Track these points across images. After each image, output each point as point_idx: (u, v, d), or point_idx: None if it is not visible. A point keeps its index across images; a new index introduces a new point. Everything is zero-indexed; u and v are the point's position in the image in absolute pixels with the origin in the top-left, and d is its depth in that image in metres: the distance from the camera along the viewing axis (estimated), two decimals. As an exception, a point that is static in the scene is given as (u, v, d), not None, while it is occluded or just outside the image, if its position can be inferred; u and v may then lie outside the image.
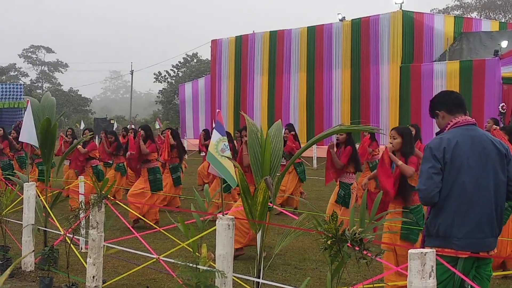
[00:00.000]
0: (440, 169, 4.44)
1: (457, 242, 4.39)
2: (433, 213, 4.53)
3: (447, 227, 4.43)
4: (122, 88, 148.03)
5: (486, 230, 4.44)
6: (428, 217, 4.61)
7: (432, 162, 4.46)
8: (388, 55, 30.40)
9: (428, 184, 4.44)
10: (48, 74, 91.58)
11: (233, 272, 5.51)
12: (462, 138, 4.51)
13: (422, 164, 4.56)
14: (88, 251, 6.83)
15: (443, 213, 4.44)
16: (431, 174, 4.44)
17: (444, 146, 4.47)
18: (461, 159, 4.44)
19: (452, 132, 4.59)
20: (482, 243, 4.43)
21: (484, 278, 4.51)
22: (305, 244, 9.72)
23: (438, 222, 4.46)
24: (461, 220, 4.40)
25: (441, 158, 4.45)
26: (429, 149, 4.53)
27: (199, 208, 6.08)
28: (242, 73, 37.92)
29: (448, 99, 4.75)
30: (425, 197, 4.49)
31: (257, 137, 5.44)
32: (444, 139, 4.53)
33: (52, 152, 8.45)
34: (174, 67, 71.95)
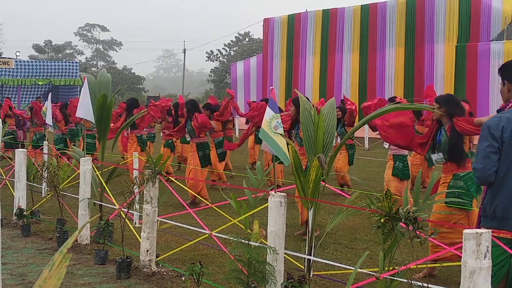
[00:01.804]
0: (497, 148, 4.35)
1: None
2: (490, 194, 4.44)
3: (504, 208, 4.34)
4: (175, 66, 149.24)
5: None
6: (485, 197, 4.53)
7: (489, 141, 4.37)
8: (444, 34, 29.82)
9: (485, 163, 4.36)
10: (102, 52, 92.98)
11: (284, 249, 5.54)
12: None
13: (479, 143, 4.48)
14: (142, 226, 6.96)
15: (501, 194, 4.36)
16: (488, 153, 4.36)
17: (503, 125, 4.37)
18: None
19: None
20: None
21: (541, 260, 4.42)
22: (356, 223, 9.68)
23: (495, 203, 4.38)
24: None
25: (499, 137, 4.35)
26: (487, 127, 4.44)
27: (251, 185, 6.13)
28: (294, 52, 37.76)
29: None
30: (481, 176, 4.41)
31: (310, 115, 5.42)
32: (503, 118, 4.42)
33: (108, 128, 8.61)
34: (226, 46, 72.15)
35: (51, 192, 9.09)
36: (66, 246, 1.61)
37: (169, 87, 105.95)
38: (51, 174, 8.49)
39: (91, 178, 8.31)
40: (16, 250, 7.97)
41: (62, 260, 1.58)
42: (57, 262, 1.57)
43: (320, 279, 6.62)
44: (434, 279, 6.69)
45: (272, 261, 5.28)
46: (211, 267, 7.03)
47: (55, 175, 8.32)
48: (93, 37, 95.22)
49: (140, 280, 6.61)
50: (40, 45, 78.95)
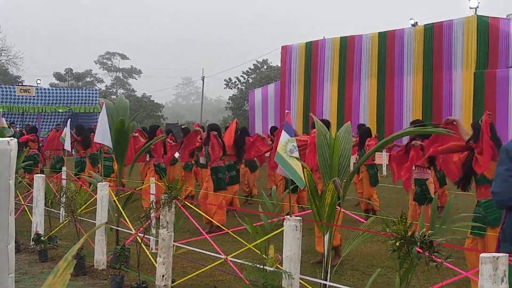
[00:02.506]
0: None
1: None
2: (510, 218, 4.39)
3: None
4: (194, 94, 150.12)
5: None
6: (504, 222, 4.47)
7: (508, 164, 4.33)
8: (462, 61, 29.76)
9: (504, 187, 4.31)
10: (122, 80, 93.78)
11: (300, 274, 5.51)
12: None
13: (498, 166, 4.44)
14: (158, 250, 6.96)
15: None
16: (506, 177, 4.31)
17: None
18: None
19: None
20: None
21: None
22: (374, 250, 9.61)
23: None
24: None
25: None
26: (505, 150, 4.40)
27: (267, 210, 6.12)
28: (312, 79, 37.87)
29: None
30: (500, 200, 4.37)
31: (325, 138, 5.43)
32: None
33: (125, 153, 8.66)
34: (244, 74, 72.48)
35: (68, 217, 9.13)
36: (71, 253, 1.62)
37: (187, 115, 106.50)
38: (69, 199, 8.53)
39: (108, 203, 8.34)
40: (33, 275, 7.99)
41: (67, 267, 1.59)
42: (61, 268, 1.59)
43: (337, 306, 6.55)
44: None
45: (287, 286, 5.25)
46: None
47: (72, 200, 8.36)
48: (113, 65, 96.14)
49: (155, 305, 6.59)
50: (60, 73, 79.81)
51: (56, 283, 1.51)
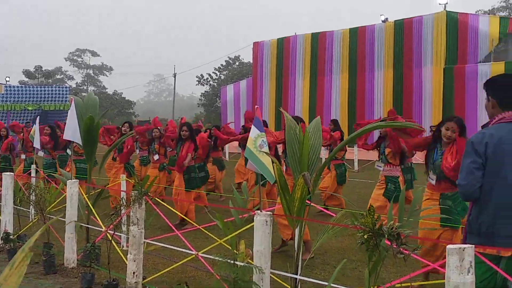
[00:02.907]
0: (481, 164, 4.33)
1: (500, 240, 4.26)
2: (476, 210, 4.41)
3: (489, 225, 4.30)
4: (165, 91, 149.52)
5: None
6: (470, 214, 4.50)
7: (473, 157, 4.35)
8: (432, 56, 30.06)
9: (469, 179, 4.34)
10: (93, 77, 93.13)
11: (271, 269, 5.53)
12: (506, 134, 4.37)
13: (464, 159, 4.46)
14: (129, 248, 6.93)
15: (486, 210, 4.33)
16: (472, 169, 4.34)
17: (486, 140, 4.35)
18: (504, 154, 4.31)
19: (496, 128, 4.45)
20: None
21: (528, 276, 4.40)
22: (345, 244, 9.67)
23: (480, 220, 4.35)
24: (504, 218, 4.27)
25: (483, 152, 4.33)
26: (471, 143, 4.43)
27: (238, 206, 6.12)
28: (284, 75, 37.96)
29: (506, 93, 4.53)
30: (465, 192, 4.40)
31: (295, 133, 5.44)
32: (486, 134, 4.41)
33: (94, 150, 8.60)
34: (216, 70, 72.43)
35: (38, 215, 9.03)
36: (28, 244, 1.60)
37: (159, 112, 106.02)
38: (38, 197, 8.44)
39: (78, 201, 8.27)
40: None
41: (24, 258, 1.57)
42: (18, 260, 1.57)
43: (308, 300, 6.60)
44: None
45: (258, 281, 5.26)
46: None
47: (41, 198, 8.27)
48: (83, 62, 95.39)
49: (126, 302, 6.56)
50: (30, 71, 78.92)
51: (12, 274, 1.50)
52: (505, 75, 4.78)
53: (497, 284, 4.37)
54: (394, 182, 9.64)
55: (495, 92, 4.59)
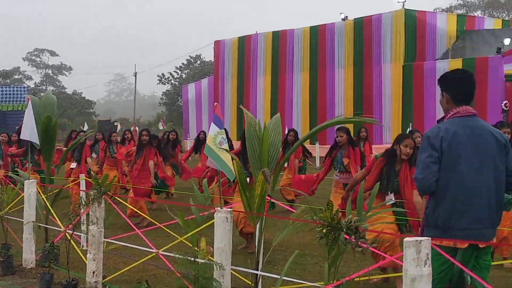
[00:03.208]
0: (437, 158, 4.39)
1: (456, 233, 4.34)
2: (432, 204, 4.48)
3: (445, 218, 4.37)
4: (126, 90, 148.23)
5: (484, 221, 4.38)
6: (427, 207, 4.55)
7: (429, 151, 4.41)
8: (391, 54, 30.41)
9: (426, 173, 4.39)
10: (52, 77, 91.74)
11: (232, 265, 5.53)
12: (461, 128, 4.45)
13: (420, 154, 4.51)
14: (88, 247, 6.85)
15: (442, 204, 4.39)
16: (428, 163, 4.39)
17: (442, 135, 4.41)
18: (459, 149, 4.39)
19: (450, 122, 4.53)
20: (481, 234, 4.37)
21: (484, 267, 4.46)
22: (306, 240, 9.73)
23: (436, 213, 4.41)
24: (459, 211, 4.35)
25: (439, 147, 4.39)
26: (427, 138, 4.48)
27: (198, 203, 6.10)
28: (245, 73, 37.99)
29: (460, 89, 4.62)
30: (422, 186, 4.45)
31: (255, 130, 5.44)
32: (442, 128, 4.47)
33: (52, 149, 8.48)
34: (177, 69, 72.04)
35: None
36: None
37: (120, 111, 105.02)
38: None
39: (36, 201, 8.15)
40: (-42, 276, 7.74)
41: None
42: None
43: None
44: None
45: (219, 277, 5.26)
46: (159, 287, 6.96)
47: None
48: (42, 62, 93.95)
49: (86, 302, 6.49)
50: (-14, 71, 77.47)
51: None
52: (456, 70, 4.85)
53: (453, 275, 4.46)
54: None
55: (448, 88, 4.67)
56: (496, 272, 7.52)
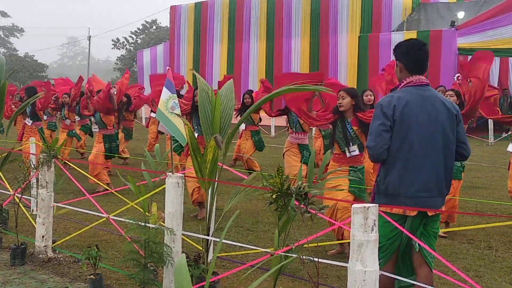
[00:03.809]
0: (389, 126, 4.44)
1: (405, 200, 4.42)
2: (383, 171, 4.54)
3: (395, 185, 4.44)
4: (80, 54, 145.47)
5: (433, 189, 4.46)
6: (378, 175, 4.62)
7: (381, 120, 4.46)
8: (347, 24, 30.54)
9: (377, 141, 4.45)
10: (3, 38, 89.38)
11: (184, 231, 5.53)
12: (413, 97, 4.50)
13: (372, 122, 4.57)
14: (38, 211, 6.77)
15: (392, 171, 4.46)
16: (380, 131, 4.45)
17: (394, 104, 4.46)
18: (411, 118, 4.44)
19: (403, 91, 4.58)
20: (430, 202, 4.45)
21: (431, 235, 4.56)
22: (258, 207, 9.80)
23: (387, 180, 4.48)
24: (409, 179, 4.42)
25: (391, 116, 4.44)
26: (380, 106, 4.53)
27: (150, 168, 6.07)
28: (201, 39, 37.65)
29: (412, 57, 4.66)
30: (373, 153, 4.51)
31: (208, 96, 5.42)
32: (394, 97, 4.52)
33: (1, 111, 8.30)
34: (133, 34, 71.02)
35: None
36: None
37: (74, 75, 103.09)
38: None
39: (-15, 164, 8.00)
40: None
41: None
42: None
43: (221, 261, 6.67)
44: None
45: (169, 242, 5.26)
46: (110, 252, 6.95)
47: None
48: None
49: (35, 266, 6.44)
50: None
51: None
52: (410, 40, 4.89)
53: (402, 242, 4.55)
54: (308, 149, 9.89)
55: (401, 56, 4.72)
56: (442, 240, 7.73)
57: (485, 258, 7.11)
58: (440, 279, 5.94)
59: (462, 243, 7.79)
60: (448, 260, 5.43)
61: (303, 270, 6.22)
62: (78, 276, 6.13)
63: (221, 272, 5.78)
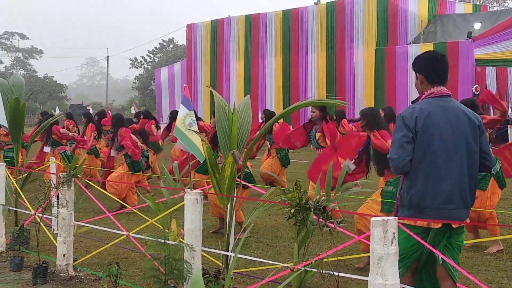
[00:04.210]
0: (411, 138, 4.40)
1: (430, 212, 4.35)
2: (406, 184, 4.49)
3: (419, 198, 4.38)
4: (99, 74, 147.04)
5: (458, 201, 4.40)
6: (401, 188, 4.56)
7: (404, 131, 4.42)
8: (363, 38, 30.55)
9: (400, 153, 4.40)
10: (22, 61, 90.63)
11: (204, 247, 5.54)
12: (435, 109, 4.47)
13: (394, 134, 4.53)
14: (58, 230, 6.82)
15: (416, 184, 4.40)
16: (402, 143, 4.41)
17: (416, 115, 4.42)
18: (433, 129, 4.40)
19: (425, 102, 4.54)
20: (455, 214, 4.39)
21: (455, 248, 4.49)
22: (278, 222, 9.78)
23: (411, 192, 4.42)
24: (433, 191, 4.36)
25: (413, 127, 4.40)
26: (401, 118, 4.49)
27: (169, 185, 6.11)
28: (218, 57, 37.85)
29: (432, 67, 4.64)
30: (396, 166, 4.46)
31: (225, 112, 5.45)
32: (416, 109, 4.49)
33: (21, 132, 8.39)
34: (150, 53, 71.60)
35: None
36: None
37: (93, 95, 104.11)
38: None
39: (5, 185, 8.08)
40: None
41: None
42: None
43: (241, 276, 6.65)
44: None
45: (189, 259, 5.27)
46: (131, 270, 6.96)
47: (-34, 182, 8.04)
48: (12, 45, 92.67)
49: (56, 285, 6.47)
50: (-45, 54, 76.29)
51: None
52: (429, 51, 4.88)
53: (423, 253, 4.49)
54: None
55: (421, 68, 4.70)
56: (464, 252, 7.66)
57: (507, 270, 7.03)
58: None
59: (484, 255, 7.71)
60: (470, 272, 5.38)
61: (323, 284, 6.19)
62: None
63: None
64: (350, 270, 6.95)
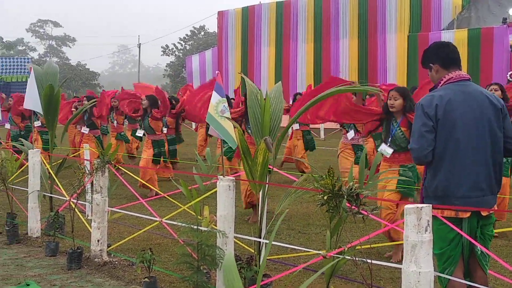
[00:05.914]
0: (432, 127, 4.31)
1: (456, 201, 4.26)
2: (430, 174, 4.39)
3: (445, 187, 4.29)
4: (130, 62, 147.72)
5: (484, 187, 4.30)
6: (425, 178, 4.46)
7: (423, 120, 4.33)
8: (396, 24, 30.20)
9: (421, 142, 4.32)
10: (56, 48, 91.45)
11: (236, 234, 5.57)
12: (455, 94, 4.35)
13: (414, 123, 4.45)
14: (92, 215, 6.91)
15: (440, 173, 4.31)
16: (423, 132, 4.31)
17: (436, 103, 4.31)
18: (455, 115, 4.29)
19: (444, 89, 4.43)
20: (481, 201, 4.29)
21: (487, 238, 4.40)
22: (310, 210, 9.78)
23: (435, 183, 4.33)
24: (458, 179, 4.26)
25: (433, 115, 4.30)
26: (421, 106, 4.39)
27: (201, 172, 6.14)
28: (249, 44, 37.78)
29: (444, 53, 4.55)
30: (418, 156, 4.38)
31: (257, 98, 5.44)
32: (435, 96, 4.37)
33: (56, 118, 8.50)
34: (181, 40, 71.76)
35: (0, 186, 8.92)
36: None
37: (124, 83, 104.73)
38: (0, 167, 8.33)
39: (41, 171, 8.20)
40: (-36, 245, 7.82)
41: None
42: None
43: (273, 263, 6.67)
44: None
45: (221, 245, 5.29)
46: (163, 256, 7.02)
47: (3, 168, 8.17)
48: (45, 33, 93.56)
49: (91, 270, 6.56)
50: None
51: None
52: (433, 42, 4.79)
53: (464, 246, 4.35)
54: (362, 149, 9.82)
55: (433, 58, 4.58)
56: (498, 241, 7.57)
57: (543, 259, 6.94)
58: (496, 280, 5.83)
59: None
60: (505, 261, 5.31)
61: (356, 272, 6.18)
62: (133, 279, 6.22)
63: (274, 275, 5.78)
64: (383, 257, 6.93)
